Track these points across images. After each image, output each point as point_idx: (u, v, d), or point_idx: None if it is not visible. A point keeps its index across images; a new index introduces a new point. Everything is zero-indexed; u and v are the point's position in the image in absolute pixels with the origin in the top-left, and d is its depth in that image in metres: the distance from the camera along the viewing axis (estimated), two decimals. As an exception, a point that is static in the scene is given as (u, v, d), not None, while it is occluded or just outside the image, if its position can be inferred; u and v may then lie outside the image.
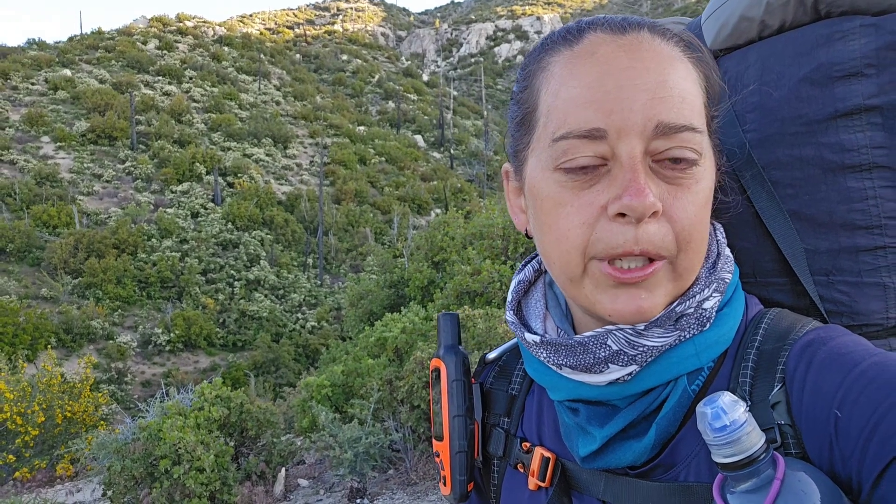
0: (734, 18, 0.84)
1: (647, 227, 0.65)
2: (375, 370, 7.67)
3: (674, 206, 0.66)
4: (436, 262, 11.30)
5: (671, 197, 0.66)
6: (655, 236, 0.65)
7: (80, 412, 11.05)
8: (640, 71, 0.66)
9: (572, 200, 0.67)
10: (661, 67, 0.67)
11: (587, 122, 0.65)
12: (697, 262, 0.69)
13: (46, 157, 39.04)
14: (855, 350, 0.65)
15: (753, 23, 0.83)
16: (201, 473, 6.07)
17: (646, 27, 0.70)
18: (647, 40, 0.68)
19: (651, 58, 0.67)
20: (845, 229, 0.77)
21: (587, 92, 0.66)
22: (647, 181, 0.65)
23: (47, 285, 27.26)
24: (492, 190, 45.16)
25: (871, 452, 0.57)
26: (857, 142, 0.75)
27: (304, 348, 26.93)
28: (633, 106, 0.65)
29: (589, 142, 0.65)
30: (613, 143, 0.65)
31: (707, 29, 0.89)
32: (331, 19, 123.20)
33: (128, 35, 65.59)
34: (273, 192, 41.37)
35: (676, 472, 0.71)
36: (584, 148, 0.66)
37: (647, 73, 0.66)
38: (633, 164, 0.65)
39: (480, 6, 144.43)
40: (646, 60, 0.66)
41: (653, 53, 0.68)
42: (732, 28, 0.85)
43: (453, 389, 0.88)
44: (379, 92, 76.69)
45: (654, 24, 0.71)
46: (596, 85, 0.66)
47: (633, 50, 0.67)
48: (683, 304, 0.69)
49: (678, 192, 0.66)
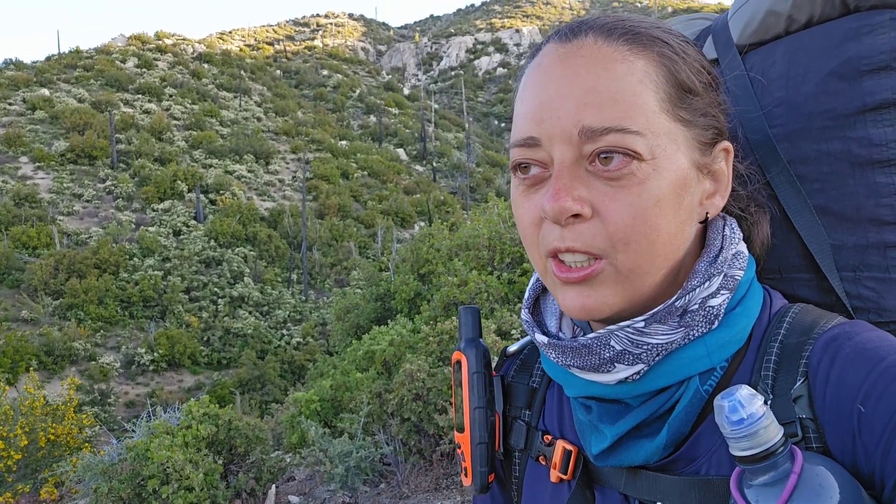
0: (760, 13, 0.84)
1: (576, 227, 0.68)
2: (364, 384, 7.63)
3: (609, 207, 0.67)
4: (422, 274, 11.29)
5: (608, 198, 0.67)
6: (584, 235, 0.67)
7: (63, 434, 10.87)
8: (570, 79, 0.68)
9: (524, 203, 0.72)
10: (592, 72, 0.68)
11: (525, 131, 0.70)
12: (646, 262, 0.69)
13: (25, 177, 38.58)
14: (880, 345, 0.65)
15: (780, 17, 0.82)
16: (190, 492, 5.99)
17: (592, 31, 0.71)
18: (587, 45, 0.70)
19: (584, 64, 0.69)
20: (873, 225, 0.76)
21: (527, 105, 0.71)
22: (570, 184, 0.67)
23: (27, 307, 26.87)
24: (475, 202, 45.21)
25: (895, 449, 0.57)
26: (885, 136, 0.75)
27: (289, 364, 26.69)
28: (560, 114, 0.68)
29: (528, 149, 0.70)
30: (548, 149, 0.69)
31: (734, 24, 0.89)
32: (310, 35, 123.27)
33: (106, 54, 65.18)
34: (256, 208, 41.15)
35: (697, 466, 0.71)
36: (525, 154, 0.71)
37: (576, 80, 0.68)
38: (559, 169, 0.68)
39: (460, 20, 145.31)
40: (578, 67, 0.68)
41: (587, 59, 0.69)
42: (759, 23, 0.85)
43: (474, 381, 0.89)
44: (360, 106, 76.71)
45: (605, 24, 0.72)
46: (534, 97, 0.71)
47: (569, 58, 0.69)
48: (683, 299, 0.70)
49: (617, 192, 0.67)
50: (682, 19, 1.03)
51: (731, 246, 0.74)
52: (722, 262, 0.72)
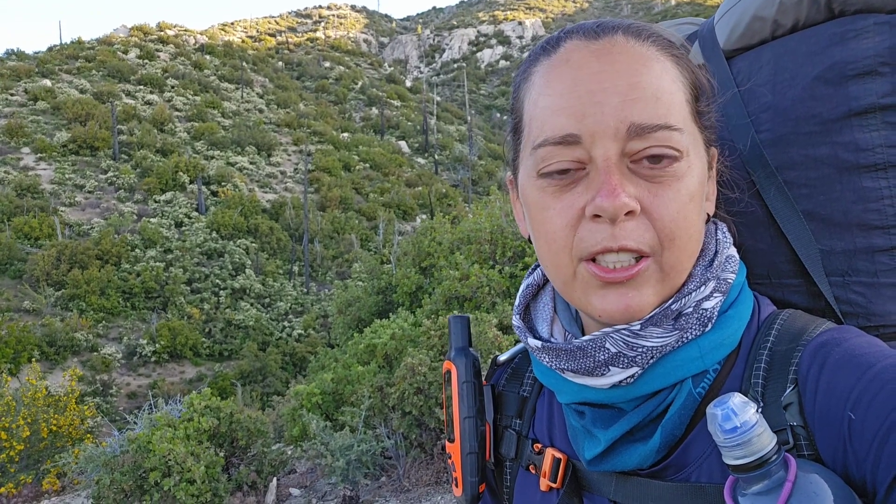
0: (747, 18, 0.84)
1: (625, 224, 0.66)
2: (366, 377, 7.64)
3: (654, 203, 0.67)
4: (423, 267, 11.28)
5: (651, 195, 0.67)
6: (634, 232, 0.66)
7: (65, 425, 10.91)
8: (611, 74, 0.67)
9: (554, 204, 0.69)
10: (633, 69, 0.67)
11: (561, 128, 0.67)
12: (685, 259, 0.69)
13: (27, 168, 38.60)
14: (870, 351, 0.64)
15: (766, 22, 0.82)
16: (192, 485, 6.01)
17: (620, 30, 0.71)
18: (619, 43, 0.69)
19: (623, 60, 0.68)
20: (861, 229, 0.76)
21: (561, 99, 0.68)
22: (621, 181, 0.66)
23: (30, 298, 26.92)
24: (477, 195, 45.16)
25: (887, 455, 0.57)
26: (872, 141, 0.74)
27: (291, 356, 26.75)
28: (605, 109, 0.66)
29: (564, 147, 0.67)
30: (588, 146, 0.67)
31: (720, 29, 0.88)
32: (313, 26, 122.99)
33: (108, 44, 65.07)
34: (257, 200, 41.15)
35: (688, 473, 0.70)
36: (560, 154, 0.68)
37: (618, 76, 0.67)
38: (607, 166, 0.66)
39: (462, 12, 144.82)
40: (617, 63, 0.67)
41: (625, 56, 0.68)
42: (745, 28, 0.84)
43: (464, 391, 0.88)
44: (362, 98, 76.60)
45: (630, 26, 0.72)
46: (569, 92, 0.68)
47: (604, 54, 0.68)
48: (679, 302, 0.69)
49: (659, 189, 0.67)
50: (669, 24, 1.02)
51: (724, 250, 0.75)
52: (717, 266, 0.73)
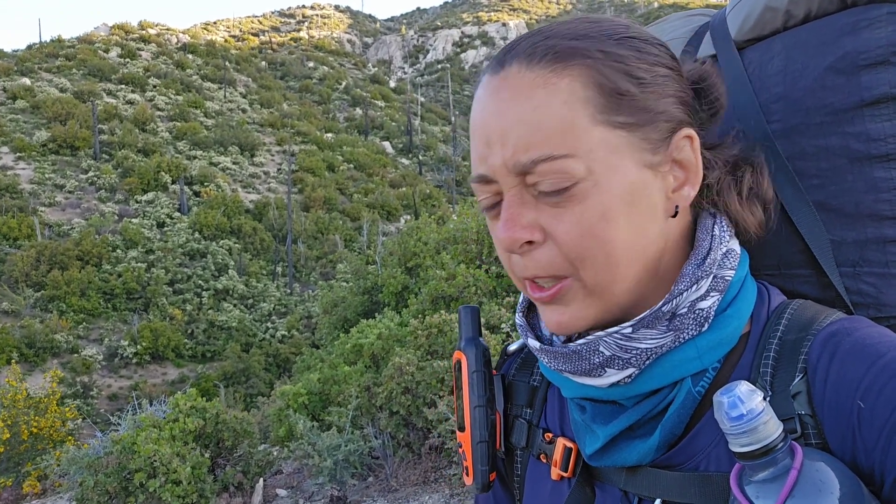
0: (758, 9, 0.83)
1: (532, 254, 0.69)
2: (352, 377, 7.62)
3: (558, 229, 0.68)
4: (409, 267, 11.28)
5: (556, 221, 0.68)
6: (542, 261, 0.69)
7: (46, 427, 10.78)
8: (498, 116, 0.69)
9: (494, 231, 0.73)
10: (517, 103, 0.68)
11: (476, 169, 0.72)
12: (608, 275, 0.69)
13: (6, 167, 38.10)
14: (880, 341, 0.64)
15: (778, 13, 0.82)
16: (178, 486, 5.96)
17: (518, 56, 0.70)
18: (511, 75, 0.69)
19: (509, 97, 0.68)
20: (872, 220, 0.76)
21: (473, 141, 0.73)
22: (520, 212, 0.69)
23: (8, 299, 26.57)
24: (461, 195, 45.21)
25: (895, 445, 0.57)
26: (883, 131, 0.74)
27: (274, 357, 26.63)
28: (495, 150, 0.69)
29: (485, 185, 0.72)
30: (500, 182, 0.70)
31: (731, 20, 0.88)
32: (296, 26, 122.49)
33: (89, 43, 64.41)
34: (240, 200, 40.92)
35: (696, 462, 0.71)
36: (484, 190, 0.72)
37: (502, 117, 0.68)
38: (506, 200, 0.70)
39: (446, 13, 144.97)
40: (505, 101, 0.69)
41: (511, 91, 0.68)
42: (757, 18, 0.84)
43: (473, 380, 0.88)
44: (346, 99, 76.44)
45: (528, 48, 0.70)
46: (475, 136, 0.72)
47: (499, 90, 0.70)
48: (671, 303, 0.69)
49: (562, 213, 0.67)
50: (680, 15, 1.02)
51: (721, 245, 0.73)
52: (710, 264, 0.72)
